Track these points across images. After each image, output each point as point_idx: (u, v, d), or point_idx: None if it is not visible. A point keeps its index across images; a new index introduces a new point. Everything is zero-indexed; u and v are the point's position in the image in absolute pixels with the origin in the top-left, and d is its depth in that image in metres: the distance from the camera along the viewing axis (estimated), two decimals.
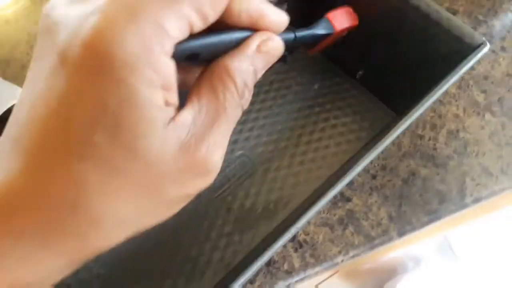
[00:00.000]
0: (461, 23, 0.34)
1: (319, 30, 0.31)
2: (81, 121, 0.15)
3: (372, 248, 0.39)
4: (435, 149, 0.44)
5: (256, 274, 0.37)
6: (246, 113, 0.44)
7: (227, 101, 0.19)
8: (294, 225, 0.28)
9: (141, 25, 0.15)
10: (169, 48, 0.16)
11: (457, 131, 0.45)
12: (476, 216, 0.93)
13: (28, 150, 0.16)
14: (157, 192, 0.18)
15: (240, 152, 0.43)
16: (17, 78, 0.49)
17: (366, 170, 0.42)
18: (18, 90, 0.45)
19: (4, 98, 0.44)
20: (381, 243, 0.40)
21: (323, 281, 0.92)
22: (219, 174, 0.40)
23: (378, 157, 0.43)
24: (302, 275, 0.38)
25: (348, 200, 0.41)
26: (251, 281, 0.37)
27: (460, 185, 0.43)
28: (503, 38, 0.51)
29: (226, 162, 0.42)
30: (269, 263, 0.38)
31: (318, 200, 0.28)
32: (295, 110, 0.44)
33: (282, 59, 0.23)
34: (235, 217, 0.39)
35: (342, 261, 0.39)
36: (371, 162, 0.38)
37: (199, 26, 0.17)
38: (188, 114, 0.18)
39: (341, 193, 0.41)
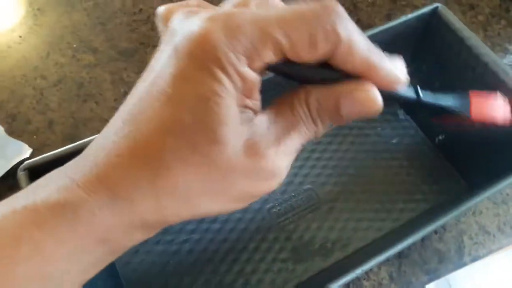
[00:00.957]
0: None
1: (451, 104, 0.27)
2: (177, 99, 0.19)
3: None
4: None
5: None
6: (321, 151, 0.47)
7: (302, 121, 0.21)
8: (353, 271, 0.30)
9: (236, 41, 0.18)
10: (258, 64, 0.19)
11: None
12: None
13: (136, 120, 0.19)
14: (226, 181, 0.20)
15: (308, 186, 0.45)
16: (23, 133, 0.51)
17: None
18: (24, 146, 0.47)
19: (11, 154, 0.47)
20: None
21: None
22: (285, 202, 0.43)
23: None
24: None
25: None
26: None
27: (458, 244, 0.44)
28: None
29: (294, 193, 0.44)
30: None
31: (372, 258, 0.31)
32: (369, 158, 0.47)
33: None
34: (293, 246, 0.42)
35: None
36: None
37: (292, 56, 0.20)
38: (264, 118, 0.21)
39: None
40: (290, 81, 0.22)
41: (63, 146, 0.33)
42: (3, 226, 0.18)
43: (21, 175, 0.31)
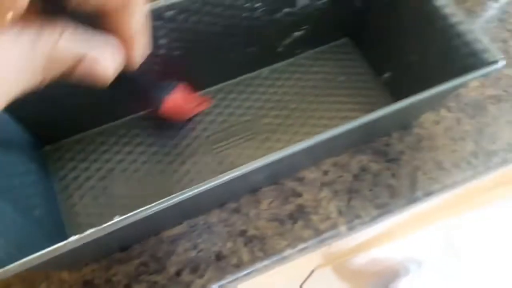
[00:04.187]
0: (481, 37, 0.36)
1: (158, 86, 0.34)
2: None
3: (320, 241, 0.41)
4: (387, 145, 0.46)
5: (205, 269, 0.40)
6: (268, 86, 0.49)
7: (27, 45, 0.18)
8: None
9: None
10: None
11: (411, 127, 0.47)
12: (477, 204, 0.99)
13: None
14: None
15: (248, 117, 0.47)
16: None
17: (318, 166, 0.44)
18: None
19: None
20: (330, 237, 0.41)
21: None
22: (223, 131, 0.45)
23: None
24: (250, 268, 0.40)
25: (299, 195, 0.43)
26: (200, 275, 0.39)
27: (412, 180, 0.44)
28: None
29: (234, 123, 0.46)
30: (218, 258, 0.40)
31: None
32: (313, 95, 0.48)
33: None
34: (222, 171, 0.43)
35: (290, 254, 0.41)
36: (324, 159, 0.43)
37: None
38: None
39: (292, 189, 0.43)
40: None
41: None
42: None
43: None
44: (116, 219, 0.28)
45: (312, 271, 0.98)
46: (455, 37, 0.38)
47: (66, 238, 0.40)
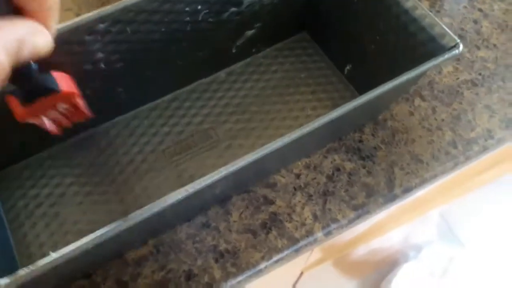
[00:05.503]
0: (437, 22, 0.35)
1: (45, 82, 0.30)
2: None
3: (297, 250, 0.39)
4: (360, 141, 0.43)
5: None
6: (225, 90, 0.46)
7: None
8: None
9: None
10: None
11: (384, 120, 0.45)
12: (468, 189, 0.97)
13: None
14: None
15: (208, 125, 0.44)
16: None
17: (289, 170, 0.42)
18: None
19: None
20: (306, 245, 0.39)
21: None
22: (181, 142, 0.43)
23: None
24: (223, 286, 0.38)
25: (271, 202, 0.40)
26: None
27: (388, 176, 0.42)
28: None
29: (192, 132, 0.44)
30: (188, 278, 0.37)
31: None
32: (275, 95, 0.46)
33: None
34: (182, 185, 0.41)
35: (266, 267, 0.38)
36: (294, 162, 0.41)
37: None
38: None
39: (264, 196, 0.41)
40: None
41: None
42: None
43: None
44: (53, 255, 0.25)
45: (302, 273, 0.96)
46: (411, 23, 0.36)
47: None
